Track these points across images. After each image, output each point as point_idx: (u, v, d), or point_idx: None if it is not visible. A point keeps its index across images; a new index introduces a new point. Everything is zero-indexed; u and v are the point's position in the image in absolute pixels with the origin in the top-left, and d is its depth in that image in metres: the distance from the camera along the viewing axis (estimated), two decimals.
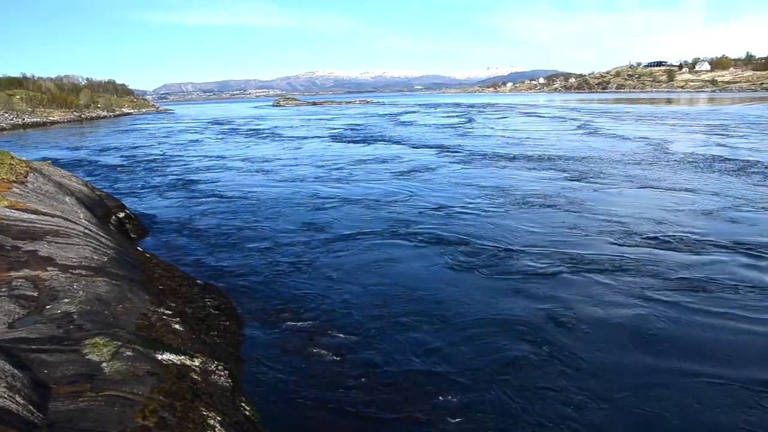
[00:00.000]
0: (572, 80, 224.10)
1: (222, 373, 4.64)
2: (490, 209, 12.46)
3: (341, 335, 6.31)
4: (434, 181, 16.58)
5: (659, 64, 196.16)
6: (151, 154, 27.79)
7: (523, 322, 6.51)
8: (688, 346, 5.83)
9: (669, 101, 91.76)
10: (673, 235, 9.81)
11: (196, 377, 4.29)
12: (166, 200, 15.13)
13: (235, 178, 18.74)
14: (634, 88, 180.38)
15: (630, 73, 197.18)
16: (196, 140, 36.83)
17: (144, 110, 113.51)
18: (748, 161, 18.42)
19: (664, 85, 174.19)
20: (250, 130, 45.69)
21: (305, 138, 34.99)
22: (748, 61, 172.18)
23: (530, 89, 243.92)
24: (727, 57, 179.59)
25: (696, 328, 6.23)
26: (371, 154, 24.66)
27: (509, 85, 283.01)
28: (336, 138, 34.02)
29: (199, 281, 7.88)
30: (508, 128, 37.97)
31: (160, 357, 4.36)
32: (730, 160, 18.90)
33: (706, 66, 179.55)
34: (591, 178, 16.26)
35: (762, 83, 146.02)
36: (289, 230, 11.19)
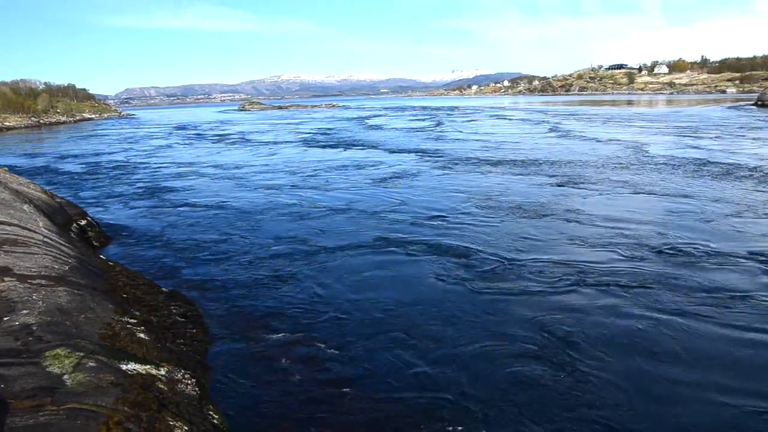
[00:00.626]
0: (536, 83, 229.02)
1: (189, 381, 4.55)
2: (482, 217, 11.95)
3: (317, 348, 5.96)
4: (417, 188, 16.09)
5: (620, 66, 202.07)
6: (115, 161, 27.10)
7: (526, 339, 6.06)
8: (710, 363, 5.53)
9: (631, 103, 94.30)
10: (682, 244, 9.41)
11: (162, 387, 4.21)
12: (131, 208, 14.75)
13: (202, 186, 18.31)
14: (596, 90, 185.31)
15: (592, 75, 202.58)
16: (161, 146, 36.09)
17: (106, 115, 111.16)
18: (731, 164, 18.24)
19: (624, 87, 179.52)
20: (217, 135, 44.96)
21: (275, 143, 34.59)
22: (704, 65, 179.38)
23: (495, 92, 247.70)
24: (684, 60, 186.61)
25: (718, 345, 5.88)
26: (346, 159, 24.30)
27: (474, 87, 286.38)
28: (307, 143, 33.69)
29: (164, 289, 7.72)
30: (480, 131, 38.22)
31: (124, 367, 4.26)
32: (712, 163, 18.79)
33: (665, 69, 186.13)
34: (579, 183, 15.89)
35: (716, 86, 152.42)
36: (261, 238, 10.90)
